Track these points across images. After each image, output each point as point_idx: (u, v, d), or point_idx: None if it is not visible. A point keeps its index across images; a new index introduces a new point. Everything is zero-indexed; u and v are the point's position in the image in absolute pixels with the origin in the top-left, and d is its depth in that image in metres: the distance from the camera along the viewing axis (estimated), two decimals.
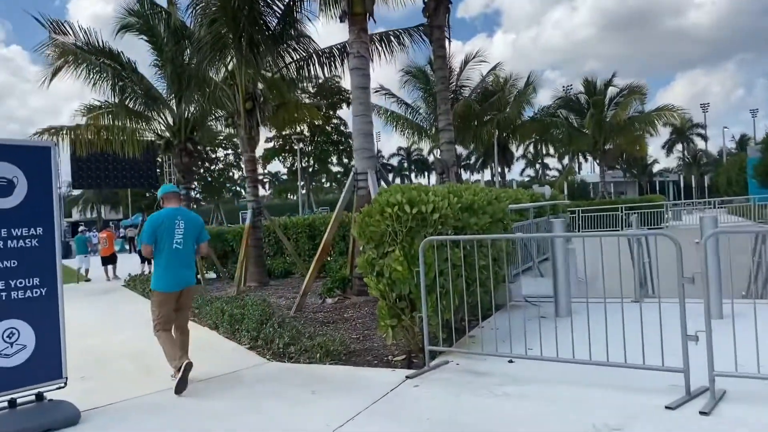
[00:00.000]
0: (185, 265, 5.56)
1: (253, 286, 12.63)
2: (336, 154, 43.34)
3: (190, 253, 5.61)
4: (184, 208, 5.85)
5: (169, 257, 5.44)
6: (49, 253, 4.57)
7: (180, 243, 5.48)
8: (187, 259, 5.58)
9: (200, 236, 5.75)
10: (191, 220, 5.64)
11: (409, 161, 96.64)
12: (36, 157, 4.52)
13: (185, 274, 5.56)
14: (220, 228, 17.98)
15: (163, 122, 16.37)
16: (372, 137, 9.39)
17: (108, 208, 72.82)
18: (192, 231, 5.59)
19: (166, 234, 5.45)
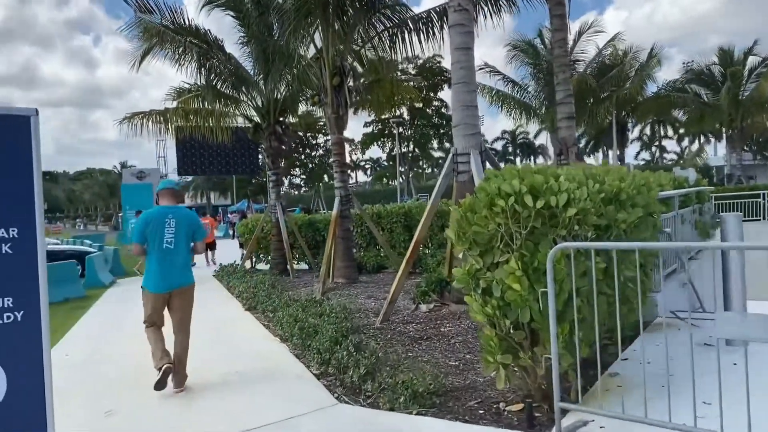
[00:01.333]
0: (176, 265, 5.38)
1: (340, 282, 11.32)
2: (437, 138, 41.56)
3: (182, 253, 5.42)
4: (179, 206, 5.63)
5: (159, 257, 5.32)
6: (27, 264, 3.31)
7: (171, 242, 5.33)
8: (178, 259, 5.39)
9: (195, 235, 5.55)
10: (183, 219, 5.44)
11: (514, 145, 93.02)
12: (6, 130, 3.26)
13: (175, 275, 5.38)
14: (311, 216, 16.91)
15: (251, 104, 15.43)
16: (476, 110, 7.66)
17: (217, 194, 75.56)
18: (184, 230, 5.41)
19: (155, 233, 5.32)
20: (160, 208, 5.52)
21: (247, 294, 10.58)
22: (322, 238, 15.57)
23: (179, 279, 5.41)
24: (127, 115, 15.81)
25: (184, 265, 5.47)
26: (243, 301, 10.27)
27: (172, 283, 5.38)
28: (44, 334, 3.36)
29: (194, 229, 5.54)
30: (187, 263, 5.54)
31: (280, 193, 15.65)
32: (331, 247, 11.04)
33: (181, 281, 5.43)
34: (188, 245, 5.50)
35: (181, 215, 5.46)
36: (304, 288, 11.88)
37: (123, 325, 9.32)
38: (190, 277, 5.56)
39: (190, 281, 5.54)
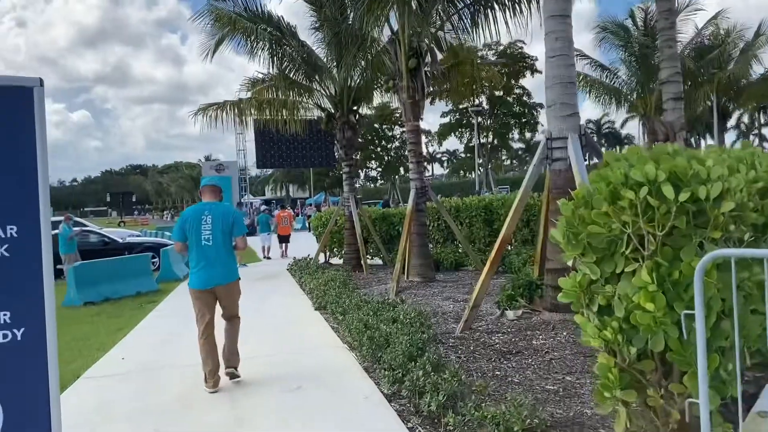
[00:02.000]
0: (215, 262, 5.25)
1: (416, 281, 10.51)
2: (518, 128, 39.91)
3: (220, 249, 5.26)
4: (219, 201, 5.50)
5: (198, 254, 5.26)
6: (28, 270, 2.69)
7: (208, 239, 5.24)
8: (217, 255, 5.25)
9: (234, 230, 5.35)
10: (220, 215, 5.30)
11: (598, 136, 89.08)
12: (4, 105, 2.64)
13: (215, 272, 5.25)
14: (386, 210, 16.19)
15: (324, 93, 14.87)
16: (574, 87, 6.63)
17: (295, 186, 76.62)
18: (222, 226, 5.26)
19: (193, 230, 5.25)
20: (199, 204, 5.50)
21: (318, 292, 9.97)
22: (396, 232, 14.83)
23: (220, 276, 5.29)
24: (201, 106, 15.64)
25: (224, 261, 5.30)
26: (313, 299, 9.67)
27: (213, 279, 5.27)
28: (50, 356, 2.76)
29: (231, 225, 5.32)
30: (227, 259, 5.34)
31: (353, 186, 15.03)
32: (405, 243, 10.25)
33: (222, 278, 5.31)
34: (227, 241, 5.34)
35: (218, 211, 5.33)
36: (378, 286, 11.17)
37: (191, 323, 8.92)
38: (232, 273, 5.39)
39: (231, 278, 5.39)
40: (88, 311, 10.70)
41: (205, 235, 5.23)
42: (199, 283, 5.27)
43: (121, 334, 8.16)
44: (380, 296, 9.84)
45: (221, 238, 5.25)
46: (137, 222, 68.82)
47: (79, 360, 6.68)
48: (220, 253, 5.25)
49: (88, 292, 11.58)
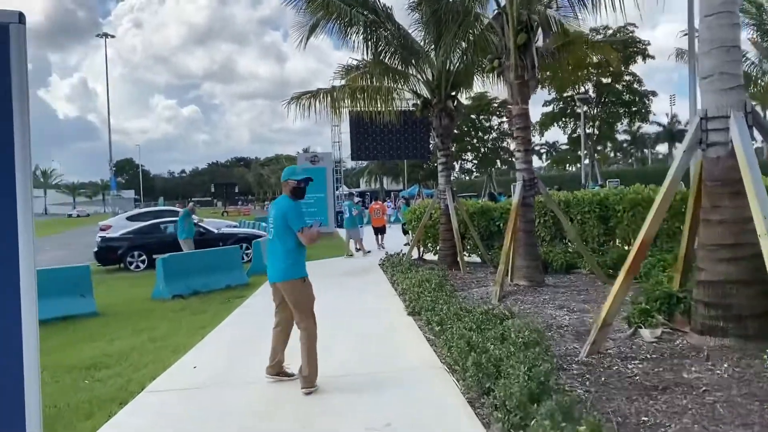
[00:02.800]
0: (272, 257, 5.21)
1: (522, 286, 9.34)
2: (628, 117, 37.04)
3: (276, 244, 5.11)
4: (284, 195, 5.26)
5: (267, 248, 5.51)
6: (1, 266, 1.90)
7: (271, 233, 5.24)
8: (273, 250, 5.19)
9: (288, 224, 5.01)
10: (275, 209, 5.17)
11: None
12: None
13: (274, 268, 5.13)
14: (485, 204, 14.99)
15: (421, 78, 13.89)
16: (738, 52, 5.23)
17: (389, 179, 76.35)
18: (276, 221, 5.09)
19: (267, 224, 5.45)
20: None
21: (411, 294, 9.05)
22: (497, 228, 13.64)
23: (275, 273, 5.11)
24: (295, 94, 15.13)
25: (280, 258, 5.06)
26: (406, 302, 8.76)
27: (272, 275, 5.18)
28: (29, 379, 1.95)
29: (282, 219, 5.03)
30: (281, 256, 5.04)
31: (450, 177, 13.97)
32: (510, 241, 9.09)
33: (277, 276, 5.09)
34: (283, 236, 5.04)
35: (276, 205, 5.22)
36: (477, 288, 10.09)
37: None
38: (286, 272, 5.02)
39: (285, 277, 5.03)
40: (174, 305, 10.37)
41: (269, 229, 5.27)
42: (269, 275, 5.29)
43: (202, 333, 7.62)
44: (481, 301, 8.79)
45: (276, 233, 5.09)
46: (239, 212, 71.19)
47: (150, 366, 6.14)
48: (276, 248, 5.11)
49: (176, 285, 11.31)
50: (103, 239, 17.04)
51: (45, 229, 53.04)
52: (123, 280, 14.85)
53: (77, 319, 9.42)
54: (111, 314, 9.88)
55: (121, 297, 11.98)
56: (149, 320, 9.10)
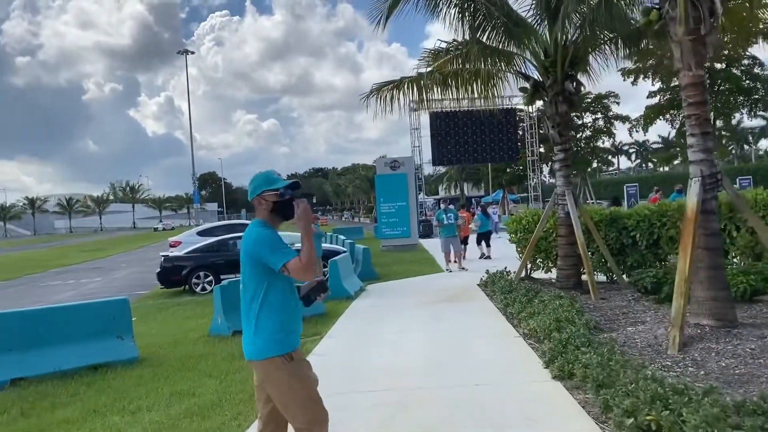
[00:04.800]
0: (243, 318, 3.17)
1: (706, 326, 6.50)
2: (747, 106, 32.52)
3: (246, 297, 3.15)
4: (255, 221, 3.28)
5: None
6: None
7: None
8: (243, 308, 3.18)
9: (262, 263, 3.07)
10: (243, 243, 3.17)
11: None
12: None
13: (244, 334, 3.18)
14: (615, 210, 12.05)
15: (530, 56, 11.28)
16: None
17: (470, 185, 73.30)
18: (243, 263, 3.15)
19: None
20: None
21: (546, 337, 6.49)
22: (631, 240, 10.77)
23: (246, 344, 3.17)
24: (374, 86, 12.84)
25: (250, 320, 3.12)
26: (542, 354, 6.17)
27: (244, 347, 3.19)
28: None
29: (252, 258, 3.11)
30: (254, 317, 3.10)
31: (570, 178, 11.24)
32: (689, 262, 6.30)
33: (247, 349, 3.16)
34: (257, 286, 3.09)
35: (244, 239, 3.22)
36: (632, 326, 7.35)
37: (357, 374, 5.96)
38: (262, 344, 3.08)
39: (258, 353, 3.09)
40: (232, 346, 8.22)
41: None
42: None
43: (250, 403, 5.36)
44: (652, 350, 6.09)
45: (243, 280, 3.20)
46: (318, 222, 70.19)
47: None
48: (246, 304, 3.17)
49: (237, 319, 9.16)
50: (166, 258, 15.35)
51: (128, 243, 53.79)
52: (184, 307, 13.00)
53: (112, 368, 7.44)
54: (154, 360, 7.85)
55: (175, 331, 10.03)
56: (197, 372, 6.97)
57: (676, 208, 10.10)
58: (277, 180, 3.26)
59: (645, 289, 9.18)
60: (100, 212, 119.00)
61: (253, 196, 3.26)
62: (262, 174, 3.31)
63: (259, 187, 3.23)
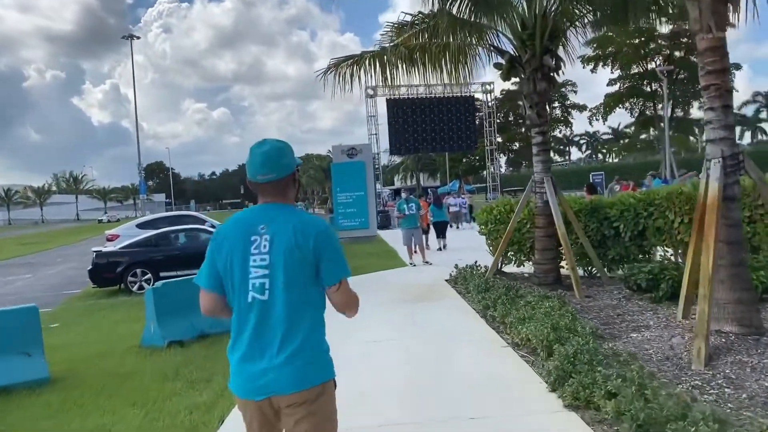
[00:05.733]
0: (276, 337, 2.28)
1: (730, 334, 5.54)
2: None
3: (289, 308, 2.29)
4: (287, 205, 2.44)
5: (240, 319, 2.32)
6: None
7: (263, 288, 2.28)
8: (279, 323, 2.30)
9: (322, 266, 2.33)
10: (290, 231, 2.30)
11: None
12: None
13: (274, 364, 2.26)
14: (596, 199, 11.13)
15: (505, 29, 10.21)
16: None
17: (426, 175, 72.63)
18: (292, 256, 2.28)
19: (233, 267, 2.32)
20: (249, 210, 2.47)
21: (544, 348, 5.42)
22: (614, 231, 9.88)
23: (287, 373, 2.24)
24: (332, 61, 11.56)
25: (296, 337, 2.27)
26: (544, 372, 5.07)
27: (269, 380, 2.23)
28: None
29: (314, 254, 2.28)
30: (304, 332, 2.29)
31: (549, 163, 10.26)
32: (713, 259, 5.32)
33: (291, 379, 2.25)
34: (305, 292, 2.29)
35: (286, 224, 2.32)
36: (636, 332, 6.36)
37: None
38: (315, 367, 2.31)
39: (314, 379, 2.29)
40: (166, 362, 6.90)
41: (255, 278, 2.26)
42: (240, 383, 2.29)
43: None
44: (672, 365, 5.10)
45: (291, 285, 2.24)
46: None
47: None
48: (289, 319, 2.24)
49: (174, 326, 7.84)
50: (98, 254, 13.71)
51: (70, 236, 50.84)
52: (117, 309, 11.49)
53: (16, 392, 6.03)
54: (69, 381, 6.45)
55: (102, 340, 8.60)
56: (118, 399, 5.63)
57: (665, 196, 9.24)
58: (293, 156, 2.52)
59: (637, 287, 8.25)
60: (41, 203, 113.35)
61: (290, 171, 2.45)
62: (286, 143, 2.50)
63: (295, 160, 2.50)
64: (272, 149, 2.38)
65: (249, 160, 2.39)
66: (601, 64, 31.71)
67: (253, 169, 2.36)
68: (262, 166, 2.34)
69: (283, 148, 2.43)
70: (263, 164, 2.34)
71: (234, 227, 2.38)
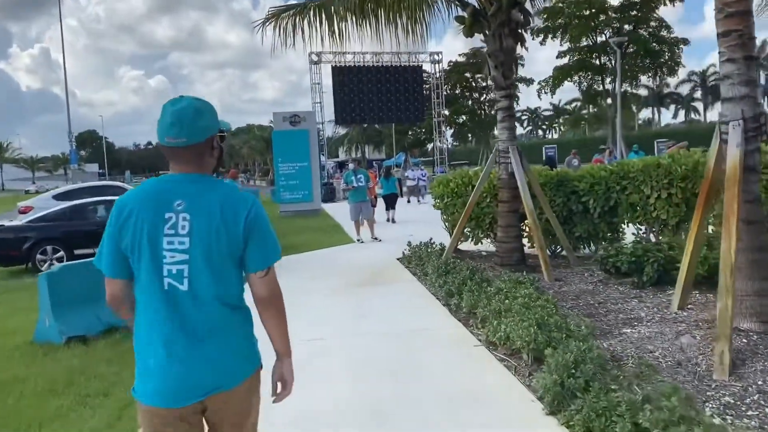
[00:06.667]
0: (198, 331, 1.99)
1: (753, 333, 4.62)
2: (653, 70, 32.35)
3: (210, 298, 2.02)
4: (209, 177, 2.14)
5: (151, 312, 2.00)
6: None
7: (180, 274, 1.97)
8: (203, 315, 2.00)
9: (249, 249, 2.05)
10: (216, 208, 2.00)
11: (704, 89, 79.39)
12: None
13: (199, 360, 1.98)
14: (563, 172, 10.17)
15: None
16: None
17: (371, 147, 71.36)
18: (216, 237, 1.99)
19: (142, 248, 1.98)
20: (159, 180, 2.16)
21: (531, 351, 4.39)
22: (582, 207, 9.01)
23: (214, 369, 2.00)
24: (271, 11, 10.12)
25: (222, 329, 2.03)
26: (537, 385, 4.03)
27: (194, 379, 1.96)
28: None
29: (242, 235, 2.01)
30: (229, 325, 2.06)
31: (515, 131, 9.22)
32: (735, 241, 4.35)
33: (223, 375, 2.02)
34: (227, 278, 2.02)
35: (207, 200, 2.03)
36: (630, 328, 5.41)
37: None
38: (242, 361, 2.10)
39: (241, 373, 2.07)
40: (63, 359, 5.53)
41: (171, 263, 1.95)
42: (153, 389, 1.95)
43: None
44: (683, 370, 4.15)
45: (217, 274, 1.98)
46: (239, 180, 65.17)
47: None
48: (216, 311, 1.99)
49: (75, 319, 6.42)
50: (2, 228, 11.92)
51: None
52: (19, 294, 9.91)
53: None
54: None
55: None
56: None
57: (641, 169, 8.38)
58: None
59: (616, 270, 7.35)
60: None
61: (207, 136, 2.07)
62: (207, 102, 2.13)
63: (216, 124, 2.14)
64: (187, 107, 2.03)
65: (160, 119, 2.05)
66: (550, 36, 31.00)
67: (162, 129, 2.03)
68: (171, 126, 2.00)
69: (201, 108, 2.08)
70: (173, 125, 2.00)
71: (142, 201, 2.02)
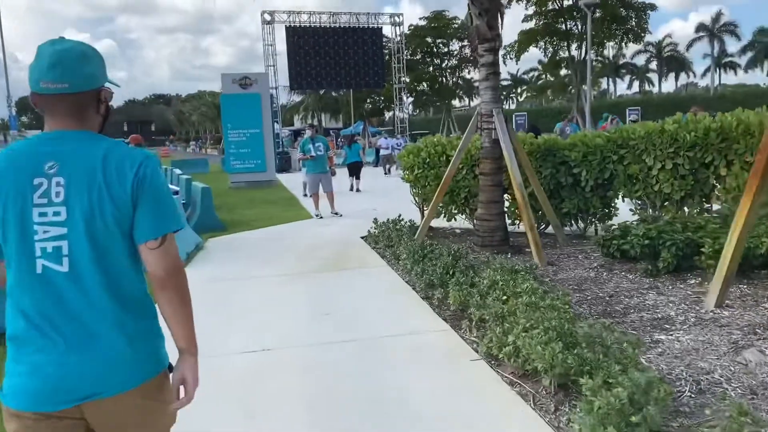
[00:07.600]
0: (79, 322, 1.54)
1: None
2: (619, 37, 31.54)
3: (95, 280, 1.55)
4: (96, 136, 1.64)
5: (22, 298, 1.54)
6: None
7: (57, 252, 1.51)
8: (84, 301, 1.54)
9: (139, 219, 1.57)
10: (99, 172, 1.53)
11: (659, 61, 79.91)
12: None
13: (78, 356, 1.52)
14: (552, 139, 8.99)
15: None
16: None
17: (328, 116, 69.37)
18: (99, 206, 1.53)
19: (12, 222, 1.51)
20: (32, 140, 1.60)
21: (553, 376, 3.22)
22: (572, 179, 7.95)
23: (94, 368, 1.52)
24: None
25: (110, 318, 1.55)
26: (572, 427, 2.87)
27: (73, 379, 1.50)
28: None
29: (132, 203, 1.55)
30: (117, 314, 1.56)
31: (499, 93, 7.99)
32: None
33: (106, 375, 1.53)
34: (117, 256, 1.55)
35: (90, 161, 1.54)
36: (663, 334, 4.31)
37: None
38: (139, 358, 1.59)
39: (151, 370, 1.62)
40: None
41: (44, 240, 1.49)
42: (29, 388, 1.48)
43: None
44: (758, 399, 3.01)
45: (103, 250, 1.52)
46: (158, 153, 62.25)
47: None
48: (105, 296, 1.52)
49: None
50: None
51: None
52: None
53: None
54: None
55: None
56: None
57: (643, 136, 7.30)
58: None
59: (621, 253, 6.28)
60: None
61: (94, 85, 1.64)
62: (95, 49, 1.68)
63: (105, 75, 1.70)
64: (72, 49, 1.58)
65: (34, 61, 1.56)
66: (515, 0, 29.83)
67: (38, 72, 1.54)
68: (52, 68, 1.53)
69: (89, 53, 1.62)
70: (54, 66, 1.53)
71: (6, 166, 1.54)
